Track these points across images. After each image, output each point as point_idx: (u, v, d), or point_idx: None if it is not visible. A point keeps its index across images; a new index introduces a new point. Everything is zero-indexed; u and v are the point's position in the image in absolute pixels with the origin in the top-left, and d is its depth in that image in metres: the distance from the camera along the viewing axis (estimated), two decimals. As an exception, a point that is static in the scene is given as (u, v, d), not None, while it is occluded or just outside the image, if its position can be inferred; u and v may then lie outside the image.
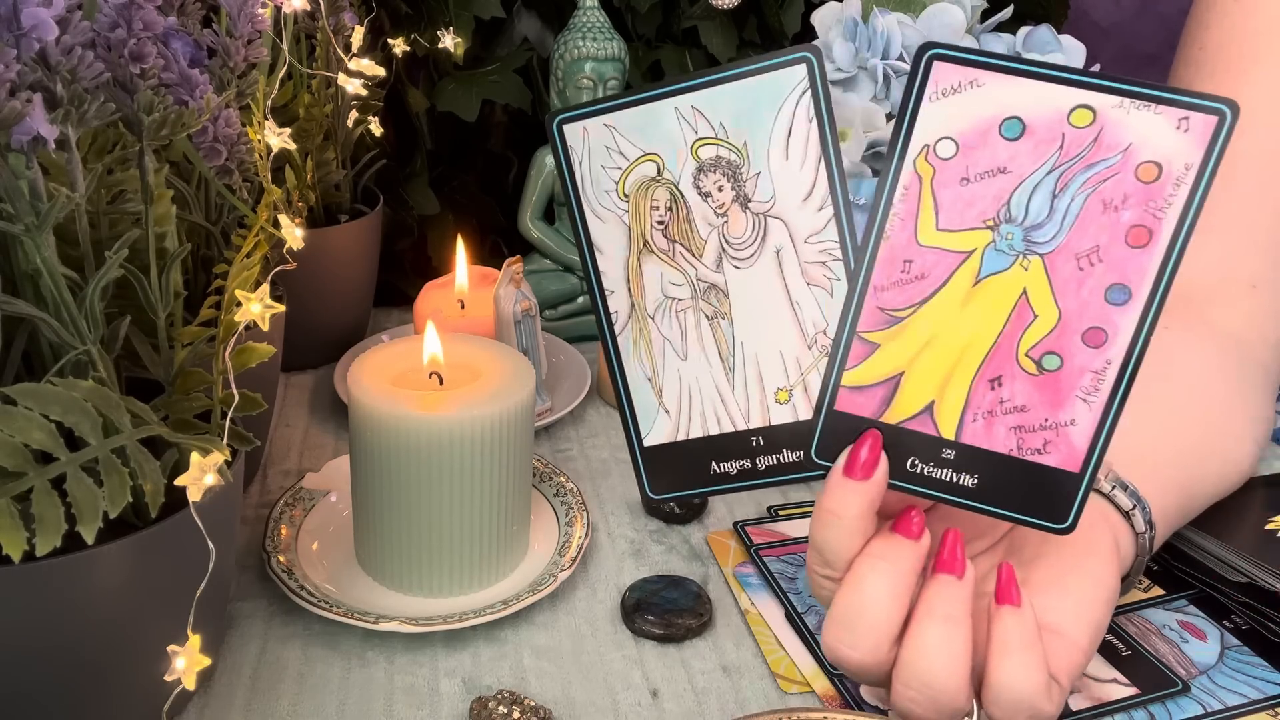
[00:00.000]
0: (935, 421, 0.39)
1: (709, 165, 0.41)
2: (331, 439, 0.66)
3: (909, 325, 0.39)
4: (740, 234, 0.41)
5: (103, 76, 0.36)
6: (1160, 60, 0.94)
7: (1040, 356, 0.39)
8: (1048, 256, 0.38)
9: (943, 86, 0.38)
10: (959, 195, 0.39)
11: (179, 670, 0.35)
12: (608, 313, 0.43)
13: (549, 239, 0.80)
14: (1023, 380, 0.39)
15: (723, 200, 0.41)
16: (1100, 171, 0.37)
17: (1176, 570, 0.55)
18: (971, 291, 0.39)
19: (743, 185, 0.41)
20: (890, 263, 0.39)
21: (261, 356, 0.44)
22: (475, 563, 0.51)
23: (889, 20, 0.69)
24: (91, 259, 0.40)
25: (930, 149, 0.39)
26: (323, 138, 0.70)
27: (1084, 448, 0.39)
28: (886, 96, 0.69)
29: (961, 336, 0.39)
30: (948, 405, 0.39)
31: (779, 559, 0.55)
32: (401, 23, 0.81)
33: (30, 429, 0.35)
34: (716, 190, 0.41)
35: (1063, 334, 0.38)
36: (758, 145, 0.40)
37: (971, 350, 0.39)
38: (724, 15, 0.83)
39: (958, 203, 0.39)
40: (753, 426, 0.42)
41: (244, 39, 0.50)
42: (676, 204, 0.42)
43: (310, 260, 0.49)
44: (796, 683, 0.47)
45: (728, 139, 0.41)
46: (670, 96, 0.41)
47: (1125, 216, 0.37)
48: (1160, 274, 0.37)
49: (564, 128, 0.42)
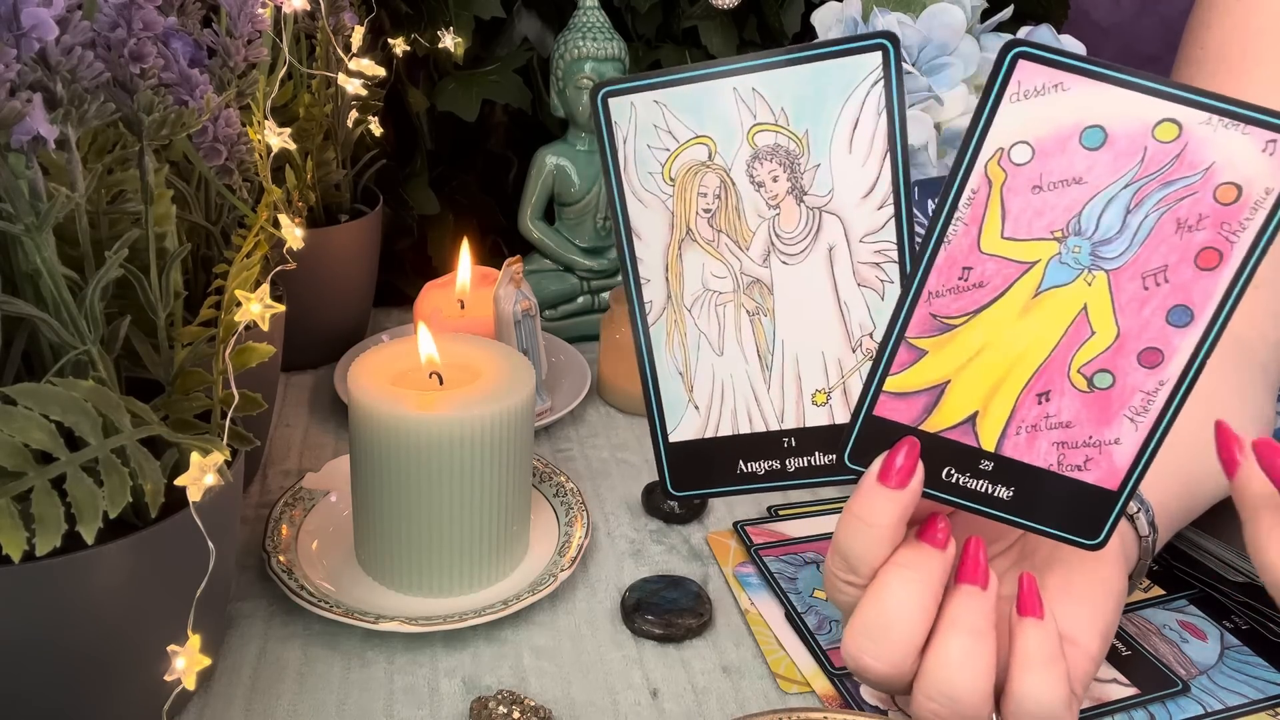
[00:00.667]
0: (977, 433, 0.39)
1: (765, 153, 0.39)
2: (331, 439, 0.66)
3: (960, 334, 0.38)
4: (792, 228, 0.40)
5: (103, 76, 0.36)
6: (1161, 61, 0.94)
7: (1093, 374, 0.38)
8: (1113, 273, 0.37)
9: (1025, 88, 0.36)
10: (1029, 203, 0.37)
11: (179, 670, 0.35)
12: (642, 302, 0.41)
13: (549, 239, 0.80)
14: (1072, 396, 0.38)
15: (777, 191, 0.39)
16: (1178, 190, 0.36)
17: (1176, 570, 0.55)
18: (1030, 303, 0.38)
19: (800, 177, 0.39)
20: (948, 269, 0.38)
21: (261, 356, 0.44)
22: (475, 563, 0.51)
23: (889, 20, 0.69)
24: (91, 259, 0.40)
25: (1005, 153, 0.37)
26: (323, 137, 0.70)
27: (1125, 467, 0.38)
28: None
29: (1014, 349, 0.38)
30: (992, 417, 0.39)
31: (779, 559, 0.55)
32: (401, 22, 0.81)
33: (30, 429, 0.35)
34: (771, 180, 0.39)
35: (1119, 352, 0.37)
36: (820, 135, 0.38)
37: (1022, 363, 0.38)
38: (724, 15, 0.83)
39: (1027, 211, 0.37)
40: (786, 427, 0.41)
41: (244, 39, 0.50)
42: (726, 192, 0.39)
43: (310, 260, 0.49)
44: (796, 683, 0.47)
45: (788, 126, 0.38)
46: (730, 75, 0.38)
47: (1198, 238, 0.36)
48: (1225, 298, 0.36)
49: (609, 101, 0.39)
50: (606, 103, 0.39)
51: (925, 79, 0.69)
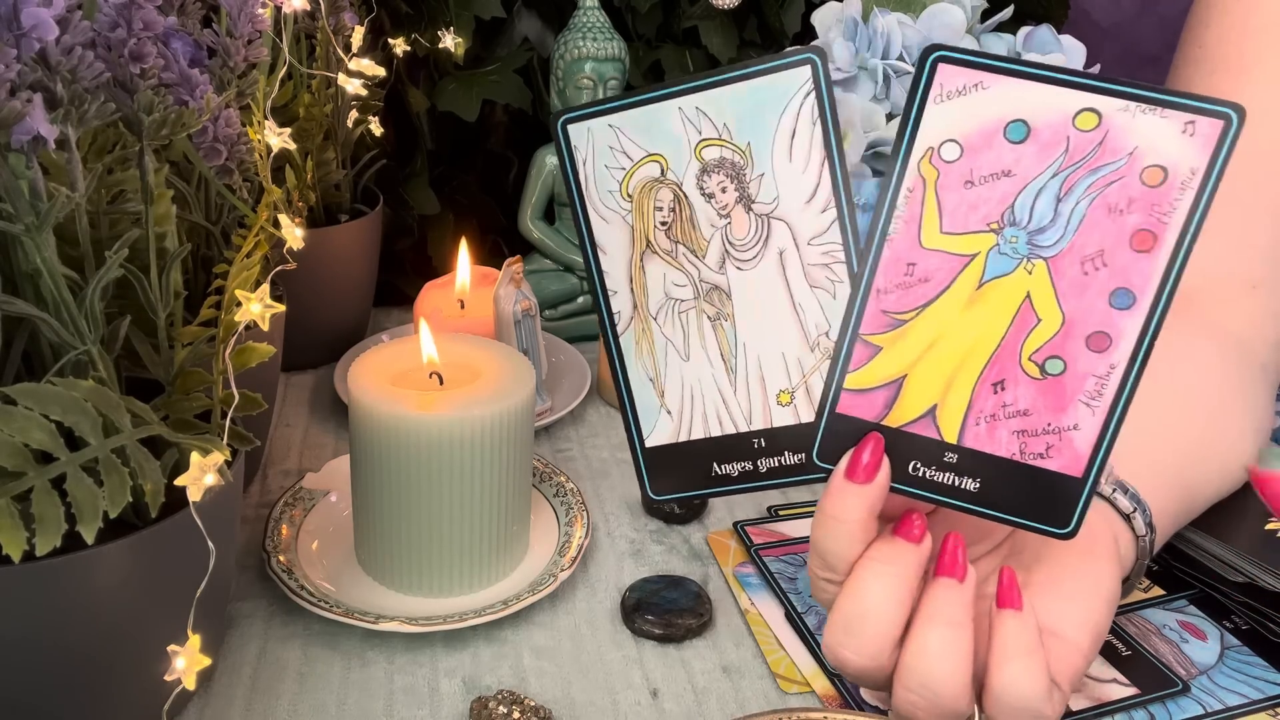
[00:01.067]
0: (938, 425, 0.39)
1: (713, 166, 0.41)
2: (331, 439, 0.66)
3: (911, 328, 0.39)
4: (743, 235, 0.41)
5: (103, 76, 0.36)
6: (1161, 61, 0.94)
7: (1044, 360, 0.38)
8: (1052, 260, 0.38)
9: (947, 89, 0.38)
10: (963, 198, 0.38)
11: (179, 670, 0.35)
12: (610, 313, 0.43)
13: (549, 239, 0.80)
14: (1025, 384, 0.39)
15: (726, 201, 0.41)
16: (1105, 175, 0.37)
17: (1176, 570, 0.55)
18: (975, 295, 0.39)
19: (746, 186, 0.41)
20: (893, 265, 0.39)
21: (261, 356, 0.44)
22: (475, 563, 0.51)
23: (889, 20, 0.69)
24: (91, 259, 0.40)
25: (934, 151, 0.39)
26: (323, 138, 0.70)
27: (1086, 452, 0.38)
28: (887, 96, 0.69)
29: (964, 340, 0.39)
30: (950, 409, 0.39)
31: (779, 559, 0.55)
32: (402, 22, 0.81)
33: (30, 429, 0.35)
34: (720, 191, 0.41)
35: (1066, 338, 0.38)
36: (761, 146, 0.40)
37: (974, 354, 0.39)
38: (724, 15, 0.83)
39: (961, 206, 0.38)
40: (755, 428, 0.42)
41: (244, 39, 0.50)
42: (680, 205, 0.41)
43: (310, 260, 0.49)
44: (796, 683, 0.47)
45: (732, 140, 0.41)
46: (674, 97, 0.41)
47: (1130, 221, 0.37)
48: (1165, 279, 0.37)
49: (568, 128, 0.42)
50: (566, 129, 0.42)
51: (925, 79, 0.69)
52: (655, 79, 0.85)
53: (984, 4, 0.74)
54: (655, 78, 0.85)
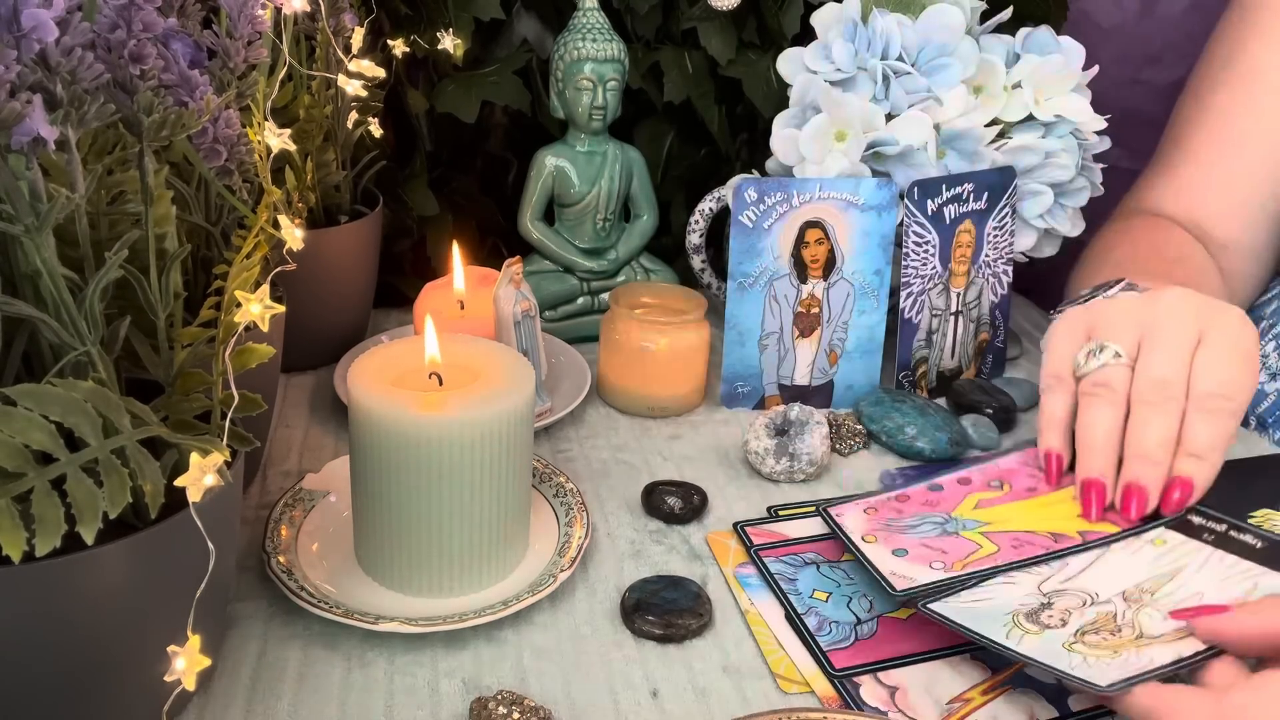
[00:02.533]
0: None
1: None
2: (331, 440, 0.66)
3: None
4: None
5: (103, 78, 0.36)
6: (1162, 61, 0.94)
7: None
8: None
9: None
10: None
11: (179, 671, 0.35)
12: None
13: (549, 240, 0.80)
14: None
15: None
16: None
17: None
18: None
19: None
20: None
21: (261, 357, 0.44)
22: (475, 563, 0.51)
23: (888, 21, 0.70)
24: (91, 260, 0.40)
25: None
26: (323, 139, 0.70)
27: None
28: (886, 97, 0.70)
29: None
30: None
31: (779, 559, 0.55)
32: (401, 24, 0.81)
33: (30, 429, 0.35)
34: None
35: None
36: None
37: None
38: (723, 16, 0.83)
39: None
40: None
41: (244, 40, 0.50)
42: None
43: (310, 261, 0.49)
44: (796, 683, 0.47)
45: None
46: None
47: None
48: None
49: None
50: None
51: (924, 79, 0.69)
52: (654, 80, 0.85)
53: (983, 5, 0.74)
54: (655, 79, 0.85)
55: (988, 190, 0.71)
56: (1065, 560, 0.51)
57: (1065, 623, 0.46)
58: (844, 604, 0.52)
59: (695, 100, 0.84)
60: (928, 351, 0.73)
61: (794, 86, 0.73)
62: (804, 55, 0.73)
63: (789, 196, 0.67)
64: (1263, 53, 0.71)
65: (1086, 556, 0.51)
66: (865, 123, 0.69)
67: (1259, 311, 0.77)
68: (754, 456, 0.63)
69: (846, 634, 0.50)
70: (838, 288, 0.70)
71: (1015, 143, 0.72)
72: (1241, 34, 0.74)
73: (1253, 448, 0.69)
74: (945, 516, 0.56)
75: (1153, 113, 0.88)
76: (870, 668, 0.48)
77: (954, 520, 0.56)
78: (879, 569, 0.51)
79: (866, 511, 0.57)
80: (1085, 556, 0.51)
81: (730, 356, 0.70)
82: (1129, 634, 0.44)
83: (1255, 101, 0.71)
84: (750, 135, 0.89)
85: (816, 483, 0.63)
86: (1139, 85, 0.95)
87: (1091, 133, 0.73)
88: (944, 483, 0.59)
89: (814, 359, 0.71)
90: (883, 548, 0.53)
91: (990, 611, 0.47)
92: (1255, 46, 0.71)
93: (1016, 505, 0.56)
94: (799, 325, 0.70)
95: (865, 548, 0.54)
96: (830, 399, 0.72)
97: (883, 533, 0.55)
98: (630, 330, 0.68)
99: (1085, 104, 0.72)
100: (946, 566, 0.51)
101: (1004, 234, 0.74)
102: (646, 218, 0.82)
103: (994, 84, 0.71)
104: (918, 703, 0.46)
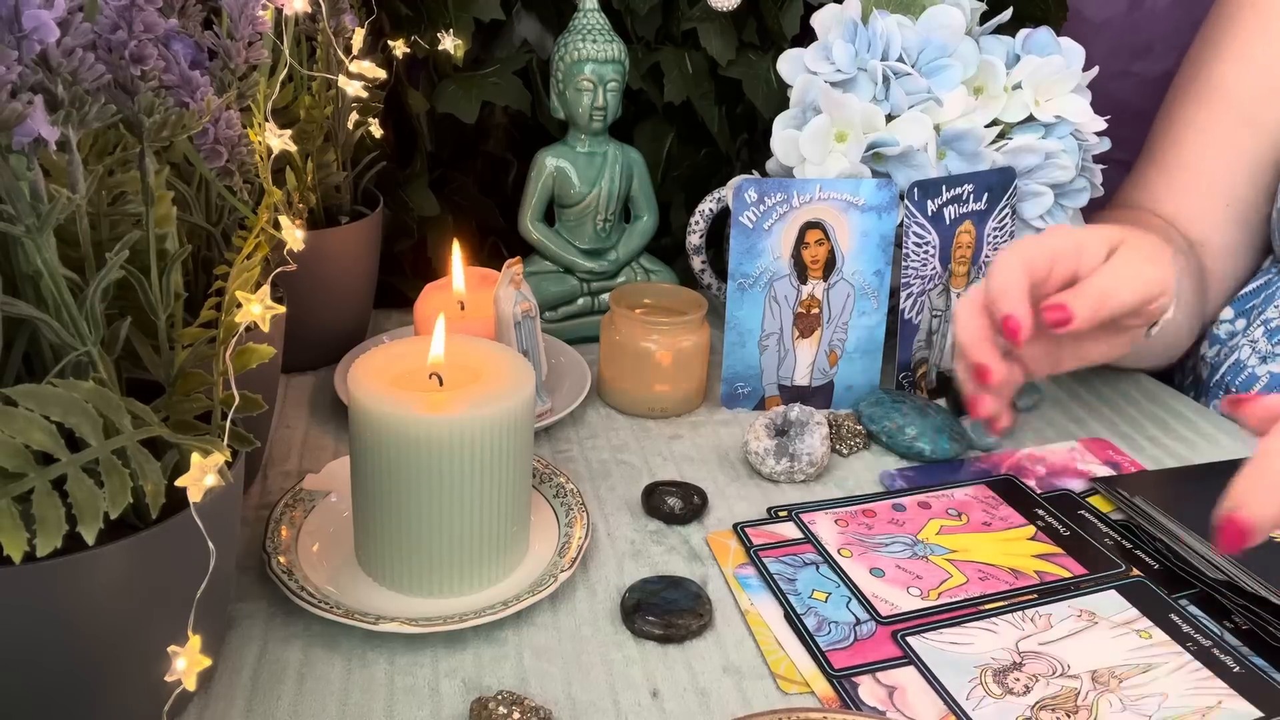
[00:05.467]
0: None
1: None
2: (331, 440, 0.66)
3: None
4: None
5: (104, 78, 0.36)
6: (1153, 52, 0.95)
7: None
8: None
9: None
10: None
11: (179, 671, 0.35)
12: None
13: (549, 240, 0.80)
14: None
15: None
16: None
17: (1177, 570, 0.55)
18: None
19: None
20: None
21: (262, 358, 0.44)
22: (475, 563, 0.51)
23: (889, 22, 0.70)
24: (92, 260, 0.40)
25: None
26: (323, 139, 0.70)
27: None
28: (886, 98, 0.70)
29: None
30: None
31: (779, 560, 0.55)
32: (401, 24, 0.81)
33: (31, 430, 0.35)
34: None
35: None
36: None
37: None
38: (723, 17, 0.83)
39: None
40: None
41: (245, 41, 0.51)
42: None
43: (310, 262, 0.49)
44: (796, 683, 0.47)
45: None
46: None
47: None
48: None
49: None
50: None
51: (925, 80, 0.69)
52: (655, 81, 0.85)
53: (983, 6, 0.74)
54: (655, 79, 0.85)
55: (988, 191, 0.71)
56: (1049, 616, 0.52)
57: (1029, 690, 0.47)
58: (843, 604, 0.52)
59: (695, 101, 0.85)
60: (928, 352, 0.73)
61: (794, 87, 0.73)
62: (804, 56, 0.73)
63: (789, 197, 0.67)
64: (1223, 70, 0.80)
65: (1071, 624, 0.51)
66: (865, 123, 0.69)
67: (1246, 299, 0.80)
68: (754, 457, 0.63)
69: (846, 634, 0.50)
70: (838, 288, 0.70)
71: (1015, 143, 0.72)
72: (1204, 54, 0.82)
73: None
74: (912, 539, 0.58)
75: (1143, 105, 0.89)
76: (869, 668, 0.48)
77: (921, 544, 0.57)
78: (862, 592, 0.53)
79: (838, 523, 0.59)
80: (1071, 624, 0.51)
81: (730, 357, 0.70)
82: (1084, 718, 0.45)
83: (1215, 117, 0.81)
84: (750, 136, 0.89)
85: (816, 483, 0.63)
86: (1129, 78, 0.95)
87: (1091, 133, 0.73)
88: (906, 504, 0.61)
89: (814, 360, 0.71)
90: (860, 565, 0.55)
91: (962, 661, 0.48)
92: (1218, 67, 0.81)
93: (976, 536, 0.58)
94: (799, 326, 0.70)
95: (843, 562, 0.55)
96: (830, 400, 0.72)
97: (857, 548, 0.56)
98: (630, 331, 0.68)
99: (1085, 105, 0.72)
100: (923, 594, 0.53)
101: (1004, 235, 0.74)
102: (646, 218, 0.82)
103: (994, 85, 0.71)
104: (916, 703, 0.46)
